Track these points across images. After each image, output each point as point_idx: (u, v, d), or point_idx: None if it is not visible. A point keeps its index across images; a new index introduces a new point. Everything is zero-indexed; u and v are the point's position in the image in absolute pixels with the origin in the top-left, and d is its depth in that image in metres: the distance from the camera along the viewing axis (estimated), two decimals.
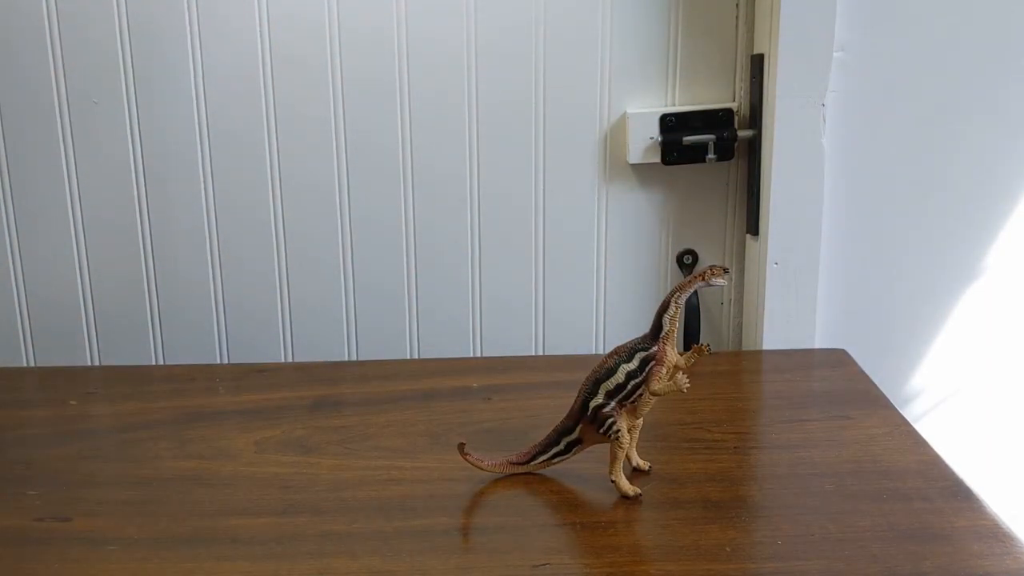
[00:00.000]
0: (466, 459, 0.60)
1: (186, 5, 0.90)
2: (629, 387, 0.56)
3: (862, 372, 0.82)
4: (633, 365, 0.56)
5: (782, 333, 0.89)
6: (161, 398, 0.79)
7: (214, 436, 0.70)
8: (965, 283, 0.91)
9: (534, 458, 0.61)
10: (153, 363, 0.98)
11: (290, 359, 0.98)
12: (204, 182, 0.94)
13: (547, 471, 0.62)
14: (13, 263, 0.96)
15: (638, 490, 0.58)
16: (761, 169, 0.88)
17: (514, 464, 0.61)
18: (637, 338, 0.58)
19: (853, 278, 0.91)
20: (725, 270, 0.56)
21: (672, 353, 0.57)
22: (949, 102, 0.87)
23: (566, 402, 0.76)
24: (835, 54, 0.84)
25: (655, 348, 0.57)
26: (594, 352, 0.97)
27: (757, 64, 0.87)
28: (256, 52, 0.91)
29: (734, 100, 0.91)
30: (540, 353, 0.97)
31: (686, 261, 0.94)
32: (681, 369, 0.57)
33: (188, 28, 0.91)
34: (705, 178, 0.93)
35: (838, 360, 0.86)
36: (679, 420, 0.71)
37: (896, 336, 0.92)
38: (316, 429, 0.71)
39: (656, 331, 0.57)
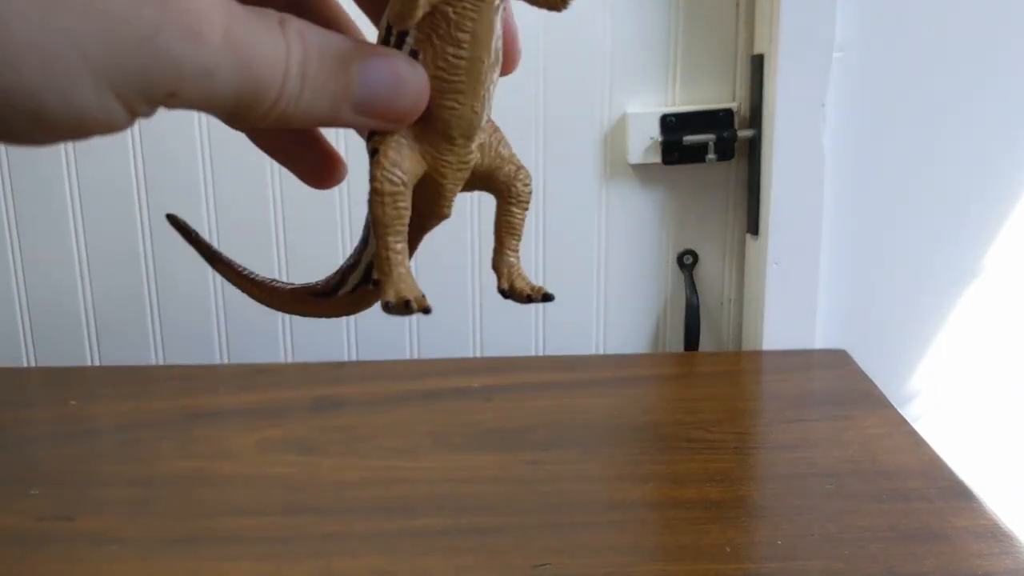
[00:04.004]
0: (218, 268, 0.35)
1: None
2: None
3: (862, 372, 0.82)
4: None
5: (782, 333, 0.89)
6: (162, 398, 0.79)
7: (215, 436, 0.71)
8: (965, 283, 0.91)
9: (343, 281, 0.30)
10: (153, 363, 0.98)
11: (290, 359, 0.98)
12: (204, 180, 0.94)
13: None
14: (13, 262, 0.96)
15: (420, 296, 0.25)
16: (761, 169, 0.88)
17: (318, 296, 0.31)
18: None
19: (853, 278, 0.91)
20: None
21: None
22: (950, 102, 0.87)
23: (566, 402, 0.76)
24: (835, 54, 0.84)
25: None
26: (594, 352, 0.97)
27: (757, 64, 0.87)
28: None
29: (734, 100, 0.91)
30: (540, 353, 0.97)
31: (686, 261, 0.94)
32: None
33: None
34: (705, 178, 0.93)
35: (838, 360, 0.86)
36: (679, 420, 0.71)
37: (896, 336, 0.92)
38: (317, 429, 0.71)
39: None
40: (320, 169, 0.28)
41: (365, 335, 0.97)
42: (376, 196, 0.25)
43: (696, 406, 0.74)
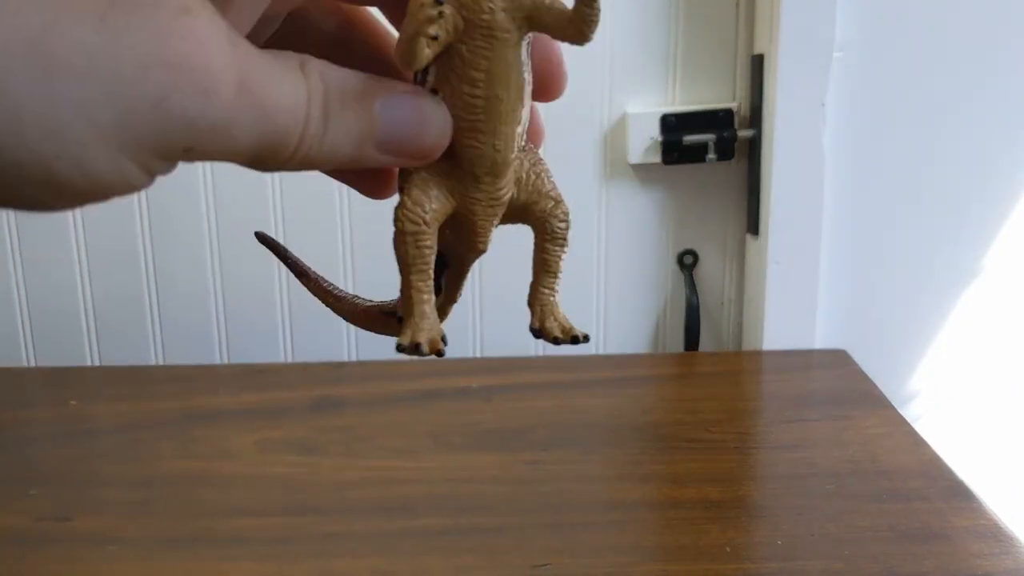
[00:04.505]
0: (305, 282, 0.35)
1: None
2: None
3: (862, 372, 0.82)
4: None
5: (782, 333, 0.89)
6: (162, 398, 0.79)
7: (215, 436, 0.71)
8: (966, 283, 0.91)
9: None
10: (153, 363, 0.98)
11: (290, 359, 0.98)
12: (204, 179, 0.94)
13: (548, 461, 0.62)
14: (13, 263, 0.96)
15: (436, 339, 0.26)
16: (761, 169, 0.88)
17: (387, 315, 0.33)
18: None
19: (853, 278, 0.91)
20: None
21: None
22: (950, 102, 0.87)
23: (566, 402, 0.76)
24: (835, 54, 0.84)
25: None
26: (594, 352, 0.97)
27: (757, 64, 0.87)
28: None
29: (734, 100, 0.91)
30: (540, 353, 0.97)
31: (686, 261, 0.94)
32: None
33: None
34: (705, 178, 0.93)
35: (838, 360, 0.86)
36: (679, 420, 0.71)
37: (896, 336, 0.92)
38: (317, 429, 0.71)
39: None
40: (380, 182, 0.28)
41: (365, 335, 0.97)
42: (398, 235, 0.25)
43: (696, 406, 0.74)
